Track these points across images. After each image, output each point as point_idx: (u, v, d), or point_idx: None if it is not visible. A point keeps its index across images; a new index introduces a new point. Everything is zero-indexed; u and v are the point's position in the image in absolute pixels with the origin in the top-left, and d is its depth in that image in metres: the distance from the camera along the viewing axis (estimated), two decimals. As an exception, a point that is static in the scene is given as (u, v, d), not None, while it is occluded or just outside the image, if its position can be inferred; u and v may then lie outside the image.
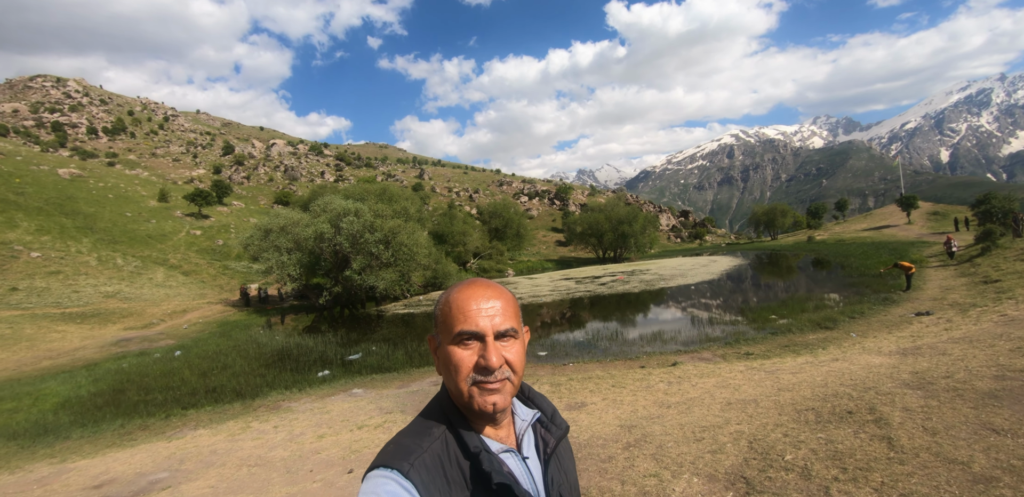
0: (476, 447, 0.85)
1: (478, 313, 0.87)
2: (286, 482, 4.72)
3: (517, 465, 0.91)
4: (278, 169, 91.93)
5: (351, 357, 13.08)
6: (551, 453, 0.97)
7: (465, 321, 0.86)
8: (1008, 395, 3.64)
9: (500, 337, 0.87)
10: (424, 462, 0.81)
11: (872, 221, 57.96)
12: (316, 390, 9.91)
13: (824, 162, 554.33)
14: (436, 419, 0.91)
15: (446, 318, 0.88)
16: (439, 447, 0.85)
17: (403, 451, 0.83)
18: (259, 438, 6.73)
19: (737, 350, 10.09)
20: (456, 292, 0.91)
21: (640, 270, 37.14)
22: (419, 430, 0.89)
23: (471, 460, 0.85)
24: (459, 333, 0.85)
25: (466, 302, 0.88)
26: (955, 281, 16.86)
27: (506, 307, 0.90)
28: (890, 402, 3.86)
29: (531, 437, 0.99)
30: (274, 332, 19.56)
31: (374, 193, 34.63)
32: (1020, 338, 5.93)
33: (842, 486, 2.67)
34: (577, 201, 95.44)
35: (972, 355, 5.26)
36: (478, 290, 0.90)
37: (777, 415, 4.05)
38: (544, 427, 1.01)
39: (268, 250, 26.73)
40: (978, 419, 3.29)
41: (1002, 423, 3.16)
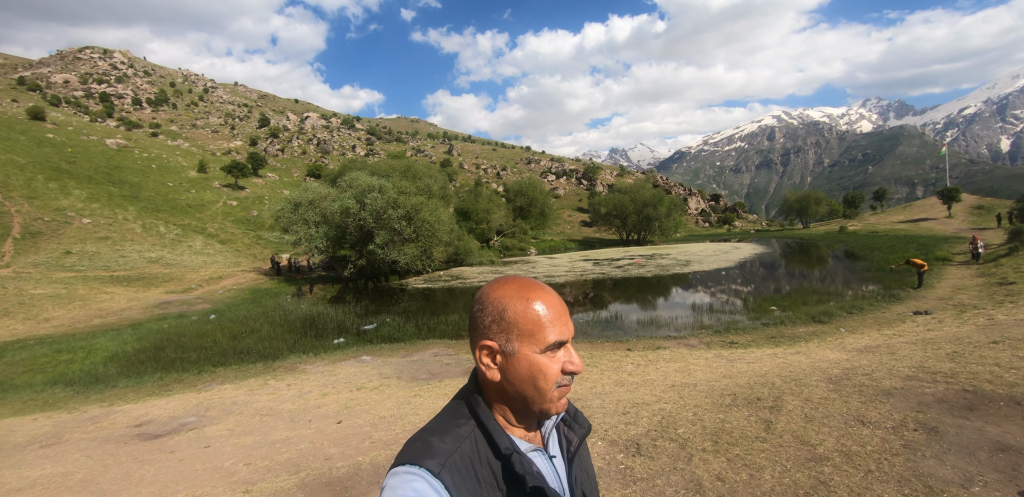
0: (507, 448, 0.85)
1: (562, 320, 0.87)
2: (287, 428, 5.61)
3: (545, 464, 0.92)
4: (311, 142, 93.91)
5: (366, 327, 14.11)
6: (575, 452, 0.99)
7: (556, 331, 0.86)
8: (900, 393, 4.10)
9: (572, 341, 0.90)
10: (455, 463, 0.80)
11: (910, 213, 55.76)
12: (330, 355, 10.92)
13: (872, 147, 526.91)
14: (464, 417, 0.89)
15: (533, 327, 0.85)
16: (469, 447, 0.84)
17: (433, 450, 0.82)
18: (273, 393, 7.70)
19: (724, 338, 10.55)
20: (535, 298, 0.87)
21: (660, 254, 37.22)
22: (447, 428, 0.87)
23: (502, 461, 0.85)
24: (553, 344, 0.85)
25: (549, 310, 0.87)
26: (971, 281, 16.64)
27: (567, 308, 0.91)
28: (798, 393, 4.37)
29: (555, 436, 1.00)
30: (300, 301, 20.90)
31: (399, 170, 35.45)
32: (973, 343, 6.26)
33: (705, 455, 3.26)
34: (605, 182, 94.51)
35: (911, 356, 5.66)
36: (549, 296, 0.89)
37: (703, 398, 4.61)
38: (568, 426, 1.02)
39: (297, 223, 28.06)
40: (856, 411, 3.78)
41: (873, 416, 3.65)
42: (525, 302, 0.86)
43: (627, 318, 14.08)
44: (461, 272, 31.10)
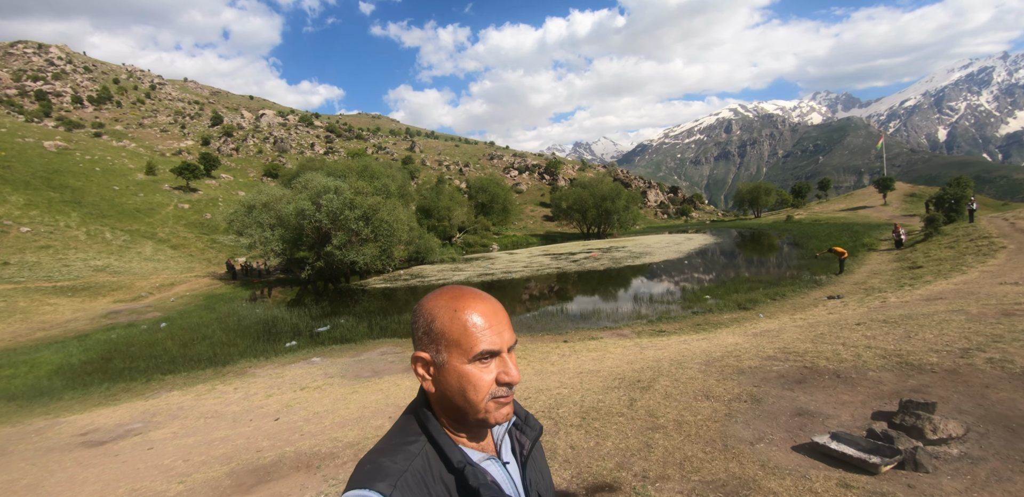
0: (460, 462, 0.84)
1: (495, 329, 0.85)
2: (228, 428, 6.01)
3: (499, 472, 0.91)
4: (267, 141, 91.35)
5: (319, 329, 14.38)
6: (528, 455, 0.98)
7: (486, 340, 0.83)
8: (751, 372, 4.88)
9: (509, 350, 0.87)
10: (406, 482, 0.79)
11: (851, 202, 59.14)
12: (280, 358, 11.21)
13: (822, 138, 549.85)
14: (414, 433, 0.88)
15: (459, 337, 0.84)
16: (420, 464, 0.83)
17: (383, 472, 0.80)
18: (220, 397, 8.02)
19: (655, 327, 11.40)
20: (463, 307, 0.85)
21: (616, 247, 38.43)
22: (397, 447, 0.86)
23: (456, 475, 0.83)
24: (480, 353, 0.83)
25: (479, 319, 0.84)
26: (887, 266, 18.19)
27: (508, 319, 0.89)
28: (673, 374, 5.11)
29: (507, 441, 1.00)
30: (256, 305, 20.82)
31: (356, 170, 35.30)
32: (844, 324, 7.19)
33: (570, 429, 3.91)
34: (567, 176, 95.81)
35: (787, 338, 6.53)
36: (481, 304, 0.86)
37: (598, 382, 5.29)
38: (519, 430, 1.02)
39: (252, 225, 27.72)
40: (707, 388, 4.53)
41: (719, 391, 4.39)
42: (452, 312, 0.85)
43: (571, 311, 14.87)
44: (422, 270, 31.39)
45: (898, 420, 3.22)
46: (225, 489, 3.89)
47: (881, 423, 3.32)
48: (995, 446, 2.95)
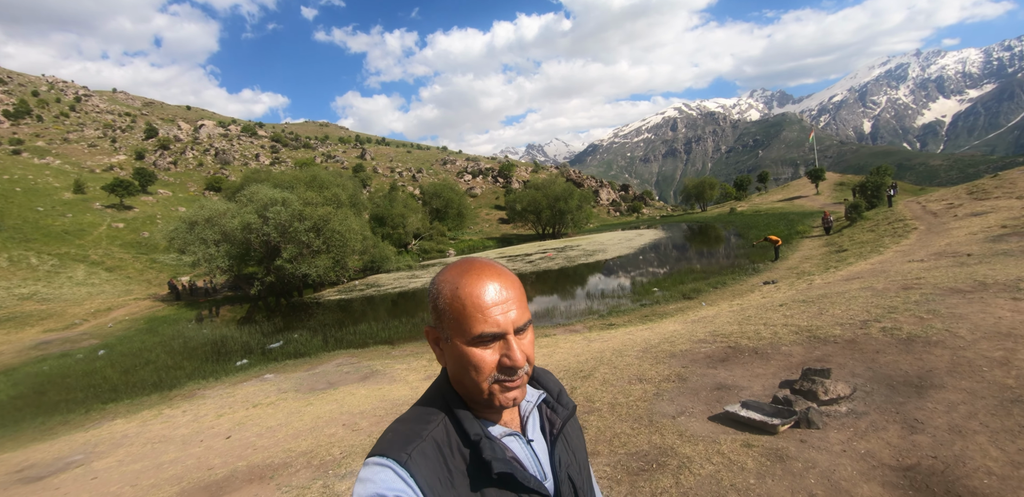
0: (477, 434, 0.83)
1: (497, 310, 0.80)
2: (178, 450, 5.88)
3: (521, 448, 0.89)
4: (208, 153, 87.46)
5: (272, 345, 14.03)
6: (557, 434, 0.95)
7: (485, 322, 0.79)
8: (682, 354, 5.27)
9: (518, 332, 0.83)
10: (423, 451, 0.79)
11: (787, 192, 62.74)
12: (231, 378, 10.90)
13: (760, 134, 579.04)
14: (435, 405, 0.87)
15: (458, 317, 0.81)
16: (439, 434, 0.82)
17: (401, 439, 0.81)
18: (167, 421, 7.78)
19: (606, 321, 11.83)
20: (465, 284, 0.82)
21: (571, 246, 39.19)
22: (417, 417, 0.86)
23: (472, 447, 0.82)
24: (480, 335, 0.80)
25: (481, 298, 0.80)
26: (817, 251, 19.51)
27: (519, 296, 0.84)
28: (612, 362, 5.44)
29: (536, 418, 0.96)
30: (203, 326, 19.99)
31: (304, 180, 34.44)
32: (768, 307, 7.78)
33: None
34: (520, 178, 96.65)
35: (719, 322, 7.02)
36: (485, 281, 0.82)
37: (544, 374, 5.57)
38: (550, 407, 0.98)
39: (194, 242, 26.53)
40: (641, 372, 4.88)
41: (651, 374, 4.75)
42: (454, 289, 0.82)
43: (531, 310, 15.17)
44: (378, 279, 30.98)
45: (798, 386, 3.63)
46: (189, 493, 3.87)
47: (785, 390, 3.72)
48: (876, 402, 3.39)
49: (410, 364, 9.18)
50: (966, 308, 4.90)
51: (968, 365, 3.62)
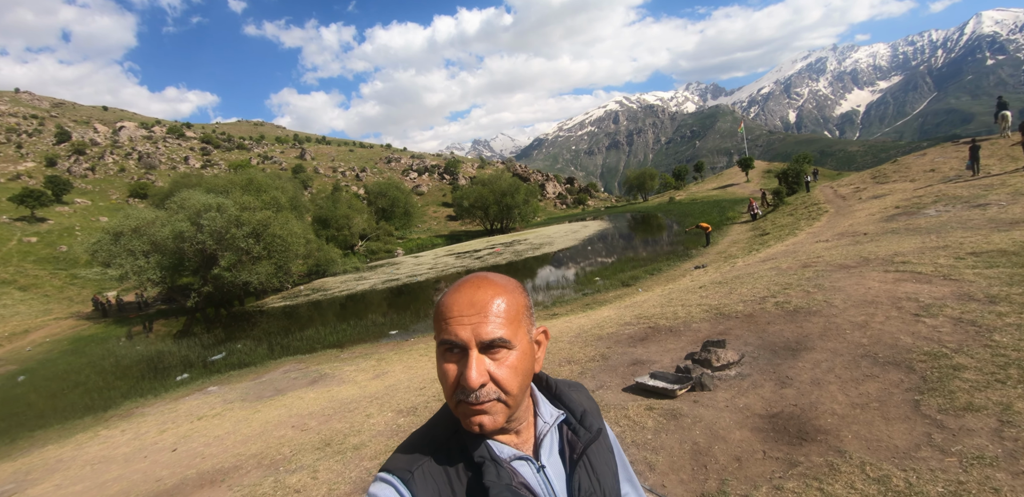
0: (480, 456, 0.78)
1: (459, 320, 0.75)
2: (121, 467, 5.79)
3: (531, 474, 0.83)
4: (131, 157, 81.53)
5: (214, 357, 13.62)
6: (578, 458, 0.88)
7: (446, 329, 0.76)
8: (609, 337, 5.79)
9: (486, 348, 0.76)
10: (426, 471, 0.76)
11: (721, 181, 66.24)
12: (172, 393, 10.57)
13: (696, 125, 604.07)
14: (445, 423, 0.84)
15: (435, 323, 0.79)
16: (444, 454, 0.79)
17: (408, 457, 0.79)
18: (105, 442, 7.54)
19: (549, 312, 12.33)
20: (446, 293, 0.81)
21: (519, 240, 39.79)
22: (427, 434, 0.84)
23: (474, 471, 0.78)
24: (441, 342, 0.77)
25: (449, 307, 0.77)
26: (744, 235, 20.95)
27: (500, 311, 0.77)
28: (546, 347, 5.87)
29: (554, 440, 0.89)
30: (135, 342, 18.95)
31: (239, 184, 33.04)
32: (689, 289, 8.48)
33: None
34: (467, 174, 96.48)
35: (646, 306, 7.63)
36: (465, 292, 0.78)
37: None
38: (572, 429, 0.91)
39: (121, 255, 24.94)
40: (571, 354, 5.34)
41: (579, 356, 5.22)
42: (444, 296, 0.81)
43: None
44: (324, 283, 30.34)
45: (697, 356, 4.16)
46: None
47: (687, 361, 4.24)
48: (759, 365, 3.96)
49: (359, 365, 9.28)
50: (846, 282, 5.66)
51: (836, 330, 4.27)
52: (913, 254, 6.59)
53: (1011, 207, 10.36)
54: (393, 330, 13.40)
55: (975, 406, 2.66)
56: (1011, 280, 4.61)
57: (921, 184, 16.98)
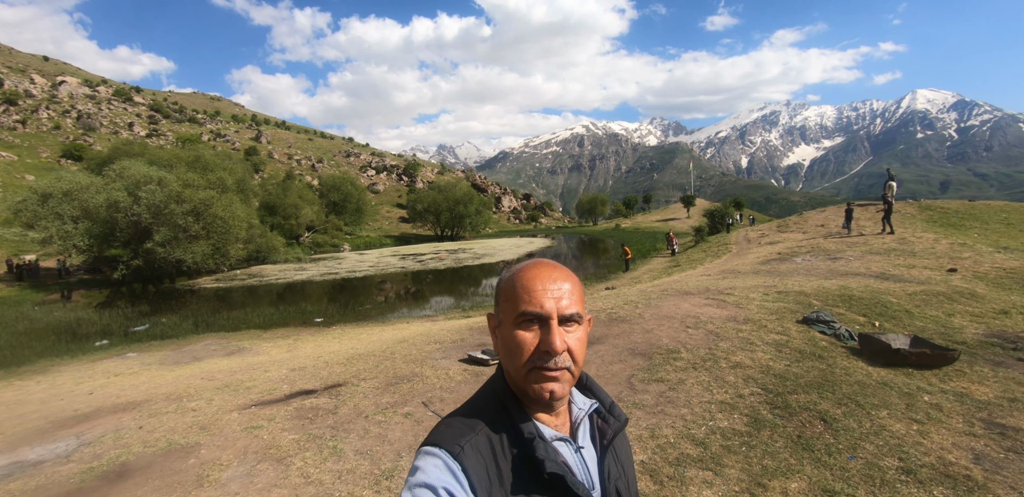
0: (531, 433, 0.83)
1: (544, 293, 0.82)
2: (38, 406, 6.50)
3: (571, 455, 0.88)
4: (68, 115, 76.76)
5: (136, 328, 13.92)
6: (608, 445, 0.93)
7: (530, 301, 0.82)
8: (480, 328, 7.15)
9: (565, 321, 0.83)
10: (475, 445, 0.80)
11: (665, 214, 70.65)
12: (89, 356, 10.98)
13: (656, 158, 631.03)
14: (490, 402, 0.88)
15: (509, 297, 0.84)
16: (492, 430, 0.83)
17: (455, 432, 0.82)
18: (20, 390, 8.08)
19: (465, 314, 13.62)
20: (522, 271, 0.86)
21: (464, 249, 41.01)
22: (472, 412, 0.87)
23: (523, 447, 0.82)
24: (522, 313, 0.81)
25: (532, 281, 0.83)
26: (660, 265, 23.15)
27: (573, 290, 0.85)
28: (432, 335, 7.17)
29: (587, 427, 0.95)
30: (52, 309, 18.59)
31: (185, 160, 32.53)
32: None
33: (335, 366, 5.68)
34: (426, 178, 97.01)
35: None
36: (544, 270, 0.86)
37: (383, 339, 7.12)
38: (602, 418, 0.97)
39: (47, 217, 24.14)
40: (440, 338, 6.66)
41: (445, 339, 6.55)
42: (514, 274, 0.87)
43: (402, 304, 16.57)
44: (261, 270, 30.29)
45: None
46: (45, 430, 4.79)
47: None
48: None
49: (276, 343, 10.18)
50: (668, 303, 7.31)
51: (629, 332, 5.81)
52: (741, 289, 8.41)
53: (854, 262, 12.72)
54: (319, 318, 14.24)
55: (663, 379, 4.18)
56: (776, 310, 6.36)
57: (808, 236, 19.70)
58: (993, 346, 5.79)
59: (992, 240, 17.11)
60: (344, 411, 4.20)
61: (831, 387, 3.87)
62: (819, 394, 3.72)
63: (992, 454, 3.08)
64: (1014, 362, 5.23)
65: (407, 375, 5.00)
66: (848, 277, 10.25)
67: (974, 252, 13.36)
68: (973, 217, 21.61)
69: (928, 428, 3.34)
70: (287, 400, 4.70)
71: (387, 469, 3.12)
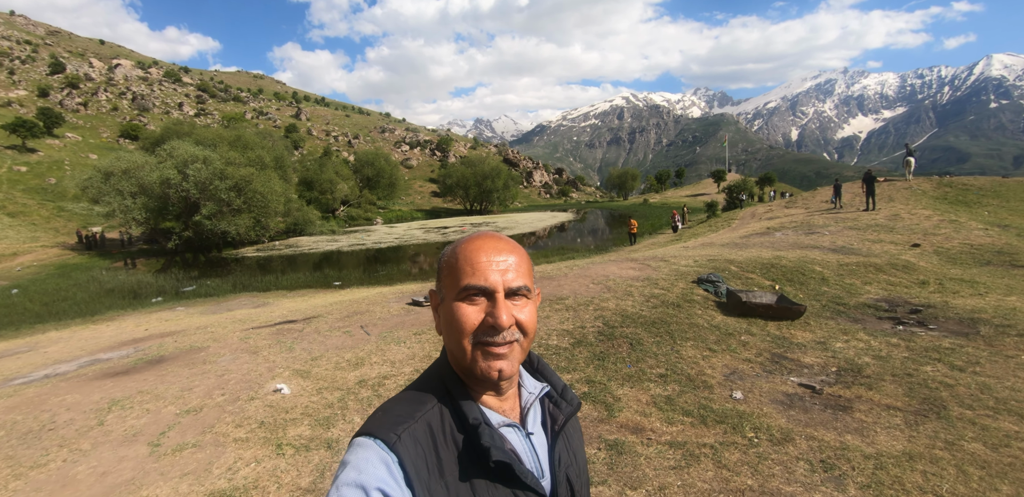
0: (476, 419, 0.78)
1: (488, 265, 0.78)
2: (109, 338, 8.49)
3: (520, 441, 0.84)
4: (124, 96, 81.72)
5: (185, 289, 16.18)
6: (559, 430, 0.90)
7: (473, 274, 0.77)
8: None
9: (511, 295, 0.79)
10: (413, 434, 0.75)
11: (695, 189, 69.57)
12: (146, 309, 13.19)
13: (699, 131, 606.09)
14: (432, 387, 0.84)
15: (452, 271, 0.80)
16: (433, 417, 0.79)
17: (391, 420, 0.77)
18: (94, 331, 10.20)
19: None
20: (465, 243, 0.82)
21: (488, 222, 42.49)
22: (412, 397, 0.82)
23: (468, 433, 0.78)
24: (465, 287, 0.77)
25: (475, 253, 0.79)
26: (664, 239, 23.90)
27: (520, 263, 0.81)
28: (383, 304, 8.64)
29: (537, 412, 0.91)
30: (118, 273, 21.35)
31: (227, 140, 35.00)
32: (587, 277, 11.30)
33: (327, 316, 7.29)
34: (458, 153, 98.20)
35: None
36: (489, 241, 0.81)
37: (330, 303, 8.70)
38: (553, 402, 0.93)
39: (110, 193, 27.06)
40: (393, 306, 8.10)
41: (407, 291, 7.99)
42: (456, 247, 0.83)
43: (413, 269, 18.26)
44: (298, 241, 32.76)
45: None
46: (112, 346, 6.61)
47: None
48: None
49: (294, 299, 12.01)
50: (600, 267, 8.49)
51: (553, 286, 7.08)
52: (682, 257, 9.48)
53: (827, 236, 13.41)
54: (337, 282, 16.08)
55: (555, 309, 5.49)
56: (684, 273, 7.49)
57: (808, 212, 20.02)
58: (869, 307, 6.78)
59: (997, 218, 17.09)
60: (307, 330, 5.78)
61: (663, 325, 5.08)
62: (646, 328, 4.94)
63: (747, 372, 4.27)
64: (869, 319, 6.26)
65: (361, 311, 6.53)
66: (804, 249, 11.07)
67: (955, 229, 13.71)
68: (996, 195, 21.18)
69: (715, 355, 4.54)
70: (274, 325, 6.32)
71: (316, 356, 4.78)
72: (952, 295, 7.58)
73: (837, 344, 4.98)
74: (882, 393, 3.75)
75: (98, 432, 3.36)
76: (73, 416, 3.67)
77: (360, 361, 4.47)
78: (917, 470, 2.71)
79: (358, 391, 3.79)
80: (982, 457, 2.85)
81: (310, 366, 4.43)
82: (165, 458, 2.98)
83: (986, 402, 3.59)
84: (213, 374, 4.43)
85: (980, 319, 5.89)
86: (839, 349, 4.82)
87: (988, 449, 2.93)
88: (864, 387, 3.87)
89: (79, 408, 3.84)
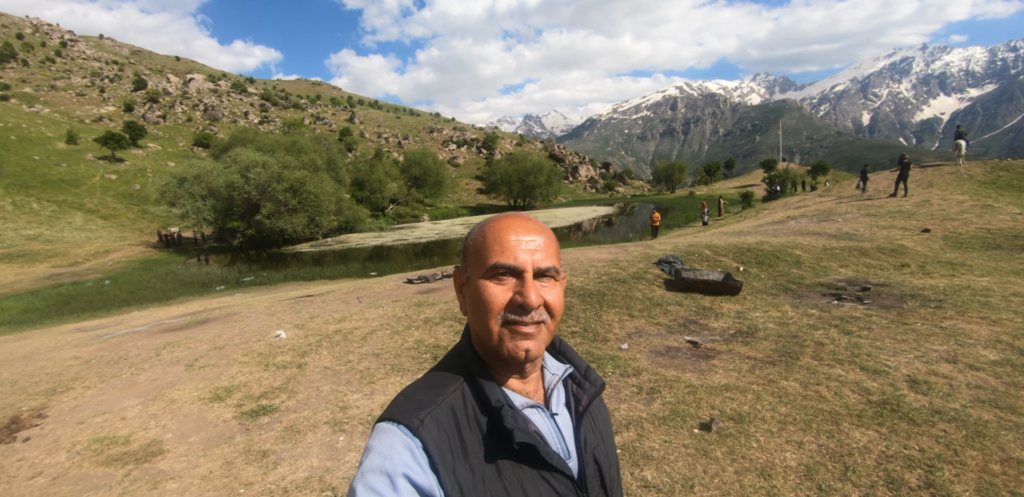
0: (498, 401, 0.77)
1: (517, 245, 0.76)
2: (175, 313, 10.29)
3: (544, 422, 0.83)
4: (197, 108, 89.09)
5: (244, 279, 18.35)
6: (583, 411, 0.88)
7: (502, 253, 0.75)
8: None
9: (539, 275, 0.77)
10: (436, 418, 0.74)
11: (744, 180, 67.34)
12: (210, 295, 15.28)
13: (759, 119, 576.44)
14: (454, 370, 0.82)
15: (479, 249, 0.78)
16: (455, 401, 0.77)
17: (413, 404, 0.76)
18: (166, 310, 12.16)
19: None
20: (493, 222, 0.80)
21: (527, 219, 43.57)
22: (434, 382, 0.81)
23: (491, 416, 0.77)
24: (494, 266, 0.75)
25: (504, 232, 0.77)
26: (690, 231, 23.99)
27: (548, 244, 0.79)
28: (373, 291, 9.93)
29: (561, 393, 0.90)
30: (191, 267, 24.21)
31: (284, 145, 38.03)
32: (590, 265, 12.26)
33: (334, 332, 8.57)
34: (504, 150, 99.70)
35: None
36: (518, 222, 0.80)
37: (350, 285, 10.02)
38: (576, 383, 0.91)
39: (184, 196, 30.40)
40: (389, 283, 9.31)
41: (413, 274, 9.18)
42: (483, 226, 0.81)
43: (444, 260, 19.61)
44: (348, 238, 35.19)
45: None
46: (176, 315, 8.28)
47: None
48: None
49: (331, 287, 13.65)
50: (583, 251, 9.32)
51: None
52: (665, 243, 10.14)
53: (835, 224, 13.50)
54: (374, 272, 17.70)
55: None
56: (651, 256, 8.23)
57: (835, 201, 19.63)
58: (823, 286, 7.27)
59: (1045, 202, 16.25)
60: (316, 301, 7.10)
61: (599, 296, 5.92)
62: (581, 299, 5.80)
63: (650, 332, 5.08)
64: (812, 295, 6.79)
65: (363, 286, 7.82)
66: (801, 236, 11.37)
67: (980, 214, 13.38)
68: (1062, 178, 19.85)
69: (632, 320, 5.36)
70: (295, 300, 7.71)
71: (314, 316, 6.03)
72: (923, 276, 7.87)
73: (756, 314, 5.63)
74: (753, 348, 4.46)
75: (155, 360, 4.74)
76: (140, 352, 5.10)
77: (343, 318, 5.65)
78: (721, 396, 3.46)
79: (332, 336, 4.96)
80: (789, 391, 3.53)
81: (306, 321, 5.67)
82: (194, 371, 4.28)
83: (839, 356, 4.18)
84: (238, 327, 5.79)
85: (918, 295, 6.28)
86: (754, 318, 5.47)
87: (800, 386, 3.61)
88: (741, 344, 4.58)
89: (144, 347, 5.28)
